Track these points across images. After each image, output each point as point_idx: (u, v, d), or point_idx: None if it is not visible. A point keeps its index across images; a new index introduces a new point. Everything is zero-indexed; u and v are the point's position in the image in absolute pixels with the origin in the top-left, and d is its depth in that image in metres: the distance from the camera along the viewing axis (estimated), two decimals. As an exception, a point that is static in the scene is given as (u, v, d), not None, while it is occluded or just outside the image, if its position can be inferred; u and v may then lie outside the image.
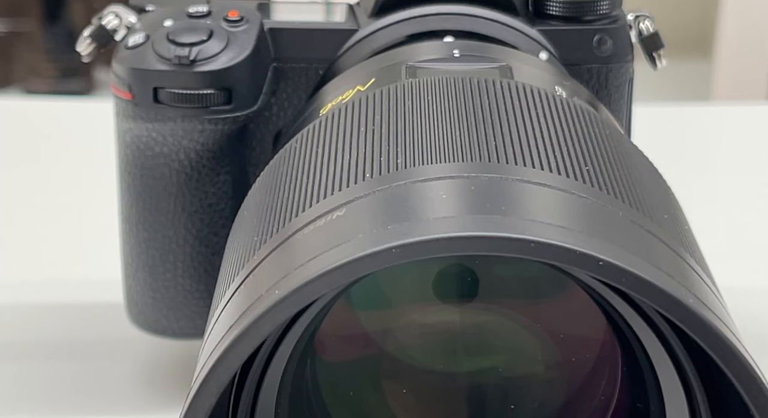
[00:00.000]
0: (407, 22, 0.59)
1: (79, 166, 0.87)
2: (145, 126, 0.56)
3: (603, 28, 0.59)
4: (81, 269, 0.72)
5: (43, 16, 2.11)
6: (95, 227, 0.75)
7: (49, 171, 0.87)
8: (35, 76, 2.10)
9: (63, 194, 0.83)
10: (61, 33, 2.12)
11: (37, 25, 2.12)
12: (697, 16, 2.32)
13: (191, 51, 0.55)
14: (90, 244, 0.75)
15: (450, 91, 0.46)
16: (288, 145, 0.48)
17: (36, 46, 2.09)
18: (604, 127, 0.46)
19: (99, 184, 0.73)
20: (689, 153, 0.91)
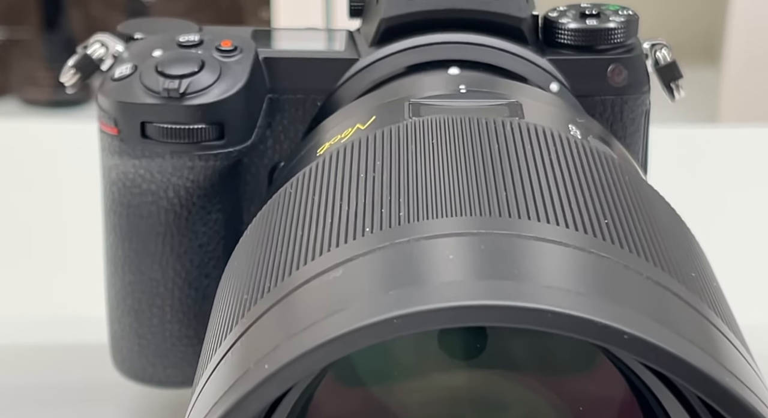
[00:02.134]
0: (410, 51, 0.56)
1: (63, 192, 0.83)
2: (131, 162, 0.53)
3: (617, 57, 0.55)
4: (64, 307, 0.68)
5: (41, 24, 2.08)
6: (79, 260, 0.71)
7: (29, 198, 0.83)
8: (32, 85, 2.07)
9: (44, 223, 0.79)
10: (58, 41, 2.09)
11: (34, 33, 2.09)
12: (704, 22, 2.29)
13: (181, 83, 0.52)
14: (75, 279, 0.71)
15: (456, 133, 0.43)
16: (282, 189, 0.45)
17: (33, 55, 2.06)
18: (623, 172, 0.43)
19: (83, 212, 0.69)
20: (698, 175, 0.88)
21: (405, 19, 0.55)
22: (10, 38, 2.10)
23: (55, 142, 0.91)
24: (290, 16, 1.52)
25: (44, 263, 0.74)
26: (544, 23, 0.56)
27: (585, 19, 0.56)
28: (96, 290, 0.59)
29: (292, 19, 1.52)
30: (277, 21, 1.53)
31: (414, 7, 0.55)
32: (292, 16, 1.52)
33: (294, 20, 1.51)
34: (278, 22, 1.52)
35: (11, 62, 2.09)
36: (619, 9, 0.56)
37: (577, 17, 0.56)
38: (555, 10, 0.57)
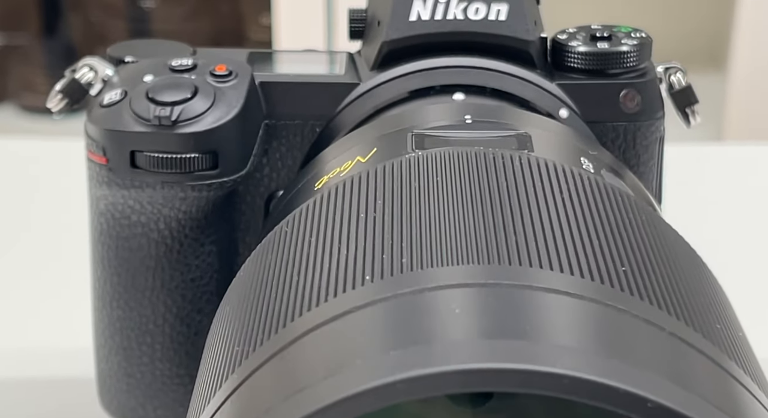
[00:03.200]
0: (413, 75, 0.53)
1: (49, 214, 0.80)
2: (121, 193, 0.50)
3: (630, 82, 0.53)
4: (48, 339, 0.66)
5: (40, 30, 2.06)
6: (68, 288, 0.69)
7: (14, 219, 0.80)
8: (30, 91, 2.05)
9: (29, 250, 0.76)
10: (57, 47, 2.07)
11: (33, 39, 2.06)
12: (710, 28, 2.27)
13: (173, 111, 0.50)
14: (61, 309, 0.68)
15: (462, 169, 0.41)
16: (278, 227, 0.42)
17: (32, 61, 2.04)
18: (639, 212, 0.40)
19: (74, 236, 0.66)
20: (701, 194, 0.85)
21: (407, 42, 0.53)
22: (8, 44, 2.08)
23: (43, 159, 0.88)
24: (291, 21, 1.50)
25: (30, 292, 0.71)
26: (552, 46, 0.54)
27: (596, 41, 0.53)
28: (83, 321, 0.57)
29: (292, 25, 1.50)
30: (278, 27, 1.50)
31: (417, 30, 0.53)
32: (292, 21, 1.50)
33: (295, 26, 1.49)
34: (279, 28, 1.50)
35: (9, 68, 2.07)
36: (631, 31, 0.54)
37: (587, 40, 0.53)
38: (564, 32, 0.54)
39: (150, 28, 1.82)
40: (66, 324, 0.66)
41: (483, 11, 0.52)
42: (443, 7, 0.52)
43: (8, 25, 2.05)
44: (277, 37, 1.51)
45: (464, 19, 0.53)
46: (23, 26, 2.05)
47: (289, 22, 1.51)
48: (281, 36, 1.51)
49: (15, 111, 2.01)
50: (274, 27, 1.52)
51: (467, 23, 0.53)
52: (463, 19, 0.53)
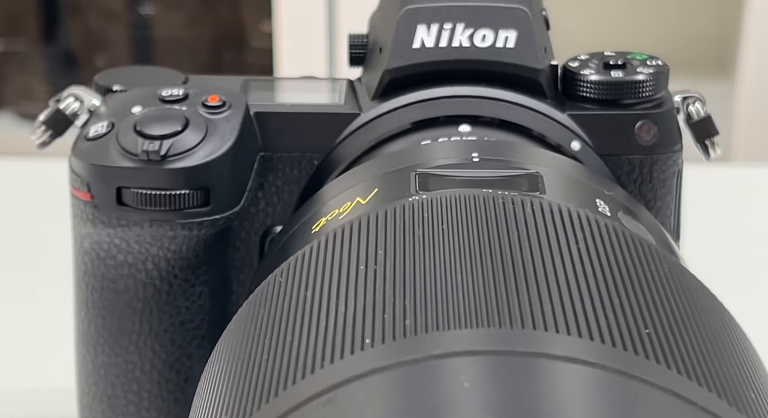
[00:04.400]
0: (417, 106, 0.50)
1: (31, 247, 0.76)
2: (106, 232, 0.48)
3: (646, 112, 0.50)
4: (29, 381, 0.62)
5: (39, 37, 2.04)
6: (45, 330, 0.65)
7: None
8: (28, 99, 2.02)
9: (7, 287, 0.72)
10: (56, 54, 2.05)
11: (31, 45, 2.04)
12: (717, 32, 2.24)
13: (162, 145, 0.47)
14: (41, 351, 0.65)
15: (470, 216, 0.38)
16: (272, 277, 0.39)
17: (30, 68, 2.01)
18: (662, 262, 0.37)
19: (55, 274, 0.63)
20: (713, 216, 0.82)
21: (411, 70, 0.50)
22: (5, 50, 2.05)
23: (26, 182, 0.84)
24: (292, 27, 1.48)
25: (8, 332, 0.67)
26: (563, 74, 0.51)
27: (609, 70, 0.50)
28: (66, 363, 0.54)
29: (293, 31, 1.48)
30: (279, 33, 1.48)
31: (420, 58, 0.50)
32: (293, 28, 1.48)
33: (295, 32, 1.47)
34: (280, 35, 1.48)
35: (7, 75, 2.05)
36: (647, 58, 0.51)
37: (600, 68, 0.50)
38: (576, 59, 0.51)
39: (150, 34, 1.79)
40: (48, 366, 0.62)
41: (490, 38, 0.50)
42: (448, 34, 0.50)
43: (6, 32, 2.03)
44: (278, 44, 1.49)
45: (470, 47, 0.50)
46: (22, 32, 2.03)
47: (290, 28, 1.49)
48: (282, 43, 1.49)
49: (13, 119, 1.98)
50: (275, 34, 1.50)
51: (474, 51, 0.50)
52: (469, 47, 0.50)
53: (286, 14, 1.49)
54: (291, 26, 1.50)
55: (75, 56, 1.96)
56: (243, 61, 1.71)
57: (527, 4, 0.50)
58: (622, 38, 1.81)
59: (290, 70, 1.49)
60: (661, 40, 1.84)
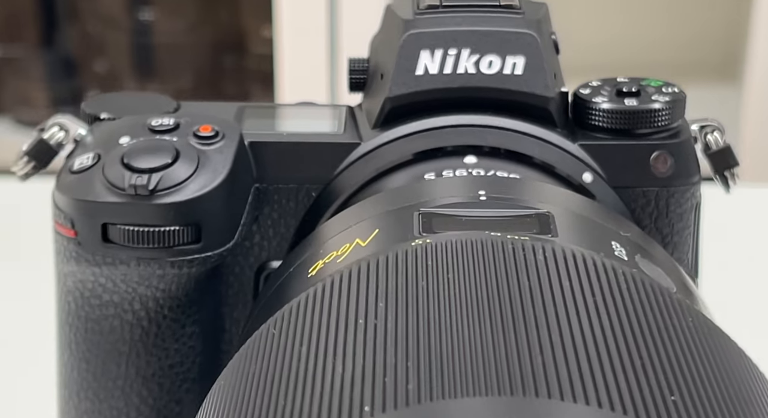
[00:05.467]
0: (420, 135, 0.48)
1: (12, 282, 0.71)
2: (91, 270, 0.45)
3: (662, 143, 0.47)
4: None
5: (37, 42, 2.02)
6: (25, 374, 0.62)
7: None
8: (27, 105, 2.00)
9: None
10: (55, 60, 2.02)
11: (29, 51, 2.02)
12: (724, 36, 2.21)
13: (151, 178, 0.44)
14: (21, 396, 0.61)
15: (478, 266, 0.35)
16: (265, 327, 0.37)
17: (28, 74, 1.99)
18: (685, 313, 0.35)
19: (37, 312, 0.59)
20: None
21: (413, 98, 0.48)
22: (4, 56, 2.03)
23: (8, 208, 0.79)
24: (293, 33, 1.46)
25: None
26: (574, 102, 0.49)
27: (623, 97, 0.48)
28: (48, 407, 0.51)
29: (294, 37, 1.46)
30: (280, 39, 1.46)
31: (424, 85, 0.47)
32: (294, 34, 1.46)
33: (296, 38, 1.45)
34: (280, 40, 1.46)
35: (5, 81, 2.03)
36: (662, 85, 0.48)
37: (612, 96, 0.48)
38: (587, 86, 0.49)
39: (150, 40, 1.77)
40: (29, 413, 0.59)
41: (497, 65, 0.47)
42: (453, 60, 0.47)
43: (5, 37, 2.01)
44: (279, 50, 1.47)
45: (476, 74, 0.47)
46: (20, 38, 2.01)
47: (291, 34, 1.47)
48: (283, 48, 1.47)
49: (11, 125, 1.96)
50: (276, 39, 1.48)
51: (480, 78, 0.47)
52: (475, 74, 0.47)
53: (286, 19, 1.48)
54: (291, 31, 1.48)
55: (74, 62, 1.94)
56: (243, 66, 1.69)
57: (536, 29, 0.47)
58: (626, 40, 1.79)
59: (291, 74, 1.48)
60: (666, 41, 1.82)
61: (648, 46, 1.80)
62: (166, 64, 1.75)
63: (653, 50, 1.80)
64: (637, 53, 1.80)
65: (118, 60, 1.79)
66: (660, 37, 1.81)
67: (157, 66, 1.77)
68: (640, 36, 1.80)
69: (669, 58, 1.79)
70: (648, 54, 1.80)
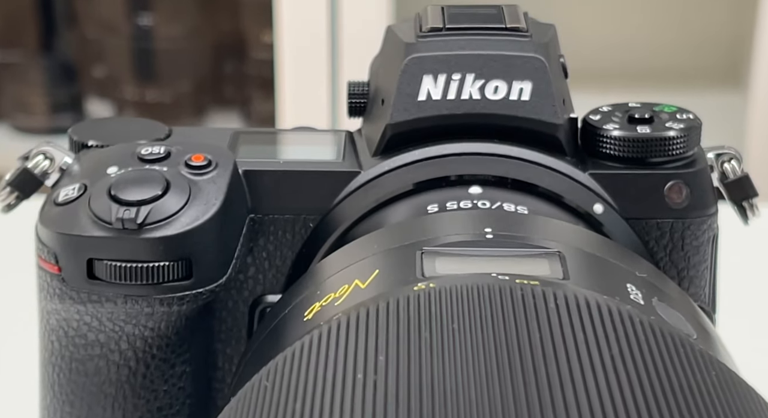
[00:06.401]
0: (423, 164, 0.46)
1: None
2: (75, 308, 0.43)
3: (677, 172, 0.45)
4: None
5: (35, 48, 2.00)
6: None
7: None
8: (25, 111, 1.98)
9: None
10: (54, 66, 2.01)
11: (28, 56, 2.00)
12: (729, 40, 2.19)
13: (139, 212, 0.42)
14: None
15: (485, 315, 0.33)
16: (257, 379, 0.34)
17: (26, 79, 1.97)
18: (708, 366, 0.32)
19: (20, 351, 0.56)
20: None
21: (416, 125, 0.45)
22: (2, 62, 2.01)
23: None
24: (293, 38, 1.45)
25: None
26: (584, 128, 0.46)
27: (635, 124, 0.46)
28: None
29: (295, 42, 1.44)
30: (280, 44, 1.44)
31: (426, 112, 0.45)
32: (295, 38, 1.45)
33: (297, 43, 1.44)
34: (281, 46, 1.44)
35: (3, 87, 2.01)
36: (676, 111, 0.46)
37: (624, 122, 0.46)
38: (597, 111, 0.47)
39: (149, 46, 1.76)
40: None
41: (503, 90, 0.45)
42: (457, 86, 0.45)
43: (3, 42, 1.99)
44: (280, 55, 1.45)
45: (481, 100, 0.45)
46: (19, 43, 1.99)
47: (292, 39, 1.46)
48: (283, 53, 1.45)
49: (9, 132, 1.94)
50: (276, 44, 1.47)
51: (485, 104, 0.45)
52: (479, 100, 0.45)
53: (287, 24, 1.46)
54: (292, 37, 1.46)
55: (73, 68, 1.92)
56: (243, 72, 1.67)
57: (543, 52, 0.45)
58: (629, 45, 1.76)
59: (291, 79, 1.46)
60: (670, 46, 1.79)
61: (652, 51, 1.78)
62: (166, 70, 1.73)
63: (657, 56, 1.78)
64: (641, 59, 1.78)
65: (118, 65, 1.77)
66: (664, 43, 1.79)
67: (156, 71, 1.75)
68: (644, 41, 1.78)
69: (673, 63, 1.77)
70: (652, 59, 1.78)
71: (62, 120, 1.98)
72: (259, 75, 1.63)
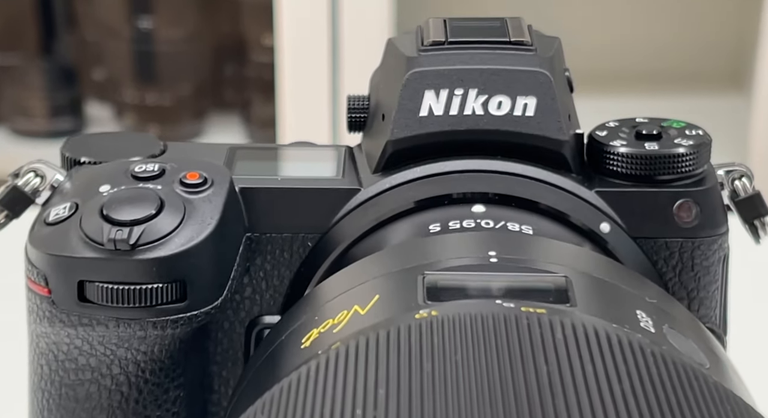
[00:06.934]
0: (425, 181, 0.44)
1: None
2: (66, 331, 0.41)
3: (686, 190, 0.44)
4: None
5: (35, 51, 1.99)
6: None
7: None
8: (24, 115, 1.97)
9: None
10: (54, 69, 2.00)
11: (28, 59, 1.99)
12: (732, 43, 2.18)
13: (132, 232, 0.41)
14: None
15: (489, 347, 0.32)
16: (252, 412, 0.33)
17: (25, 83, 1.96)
18: (723, 401, 0.31)
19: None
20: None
21: (417, 141, 0.44)
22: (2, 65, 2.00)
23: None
24: (294, 40, 1.44)
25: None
26: (590, 145, 0.45)
27: (643, 141, 0.44)
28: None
29: (296, 45, 1.43)
30: (281, 47, 1.43)
31: (428, 128, 0.44)
32: (296, 41, 1.44)
33: (298, 46, 1.43)
34: (282, 49, 1.43)
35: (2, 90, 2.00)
36: (685, 127, 0.45)
37: (632, 139, 0.44)
38: (604, 127, 0.45)
39: (149, 48, 1.75)
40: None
41: (507, 106, 0.44)
42: (460, 101, 0.44)
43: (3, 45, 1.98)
44: (280, 58, 1.44)
45: (484, 115, 0.44)
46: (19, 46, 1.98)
47: (292, 42, 1.45)
48: (284, 57, 1.44)
49: (7, 135, 1.93)
50: (277, 48, 1.46)
51: (488, 120, 0.44)
52: (483, 115, 0.44)
53: (287, 27, 1.45)
54: (292, 39, 1.45)
55: (73, 71, 1.91)
56: (244, 74, 1.66)
57: (548, 67, 0.44)
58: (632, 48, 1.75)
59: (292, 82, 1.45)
60: (673, 49, 1.78)
61: (655, 54, 1.77)
62: (166, 73, 1.72)
63: (660, 59, 1.77)
64: (644, 62, 1.77)
65: (118, 69, 1.77)
66: (667, 46, 1.78)
67: (156, 75, 1.74)
68: (647, 44, 1.77)
69: (676, 67, 1.76)
70: (655, 62, 1.77)
71: (62, 123, 1.97)
72: (259, 78, 1.62)
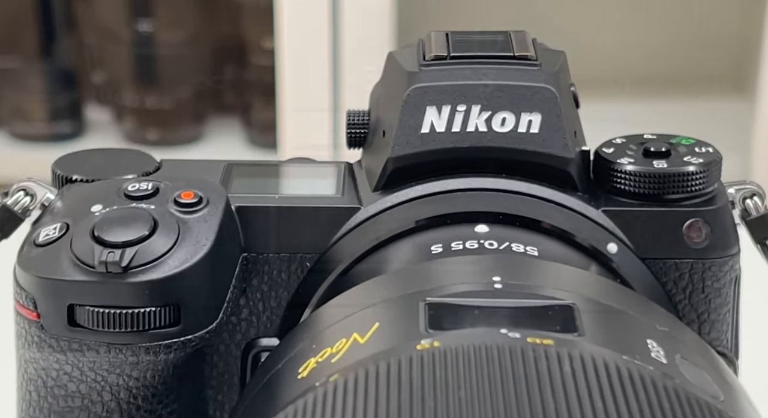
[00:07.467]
0: (426, 200, 0.43)
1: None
2: (55, 357, 0.40)
3: (696, 210, 0.43)
4: None
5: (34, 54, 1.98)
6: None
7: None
8: (23, 118, 1.96)
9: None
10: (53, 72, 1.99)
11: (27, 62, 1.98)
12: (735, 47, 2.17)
13: (124, 254, 0.39)
14: None
15: (495, 382, 0.30)
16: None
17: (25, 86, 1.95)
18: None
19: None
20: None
21: (419, 158, 0.43)
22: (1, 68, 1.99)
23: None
24: (294, 43, 1.43)
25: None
26: (596, 162, 0.44)
27: (651, 158, 0.43)
28: None
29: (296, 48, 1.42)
30: (281, 50, 1.43)
31: (430, 145, 0.43)
32: (296, 44, 1.43)
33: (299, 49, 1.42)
34: (282, 52, 1.42)
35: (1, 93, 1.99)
36: (694, 144, 0.44)
37: (639, 156, 0.43)
38: (611, 144, 0.44)
39: (149, 52, 1.74)
40: None
41: (511, 122, 0.42)
42: (462, 118, 0.42)
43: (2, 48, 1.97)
44: (281, 61, 1.43)
45: (488, 132, 0.43)
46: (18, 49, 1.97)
47: (293, 45, 1.44)
48: (285, 60, 1.43)
49: (6, 139, 1.92)
50: (277, 51, 1.45)
51: (492, 137, 0.43)
52: (486, 132, 0.43)
53: (288, 29, 1.44)
54: (293, 42, 1.44)
55: (73, 74, 1.90)
56: (244, 78, 1.65)
57: (554, 82, 0.43)
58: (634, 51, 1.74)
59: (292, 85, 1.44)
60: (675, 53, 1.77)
61: (657, 57, 1.75)
62: (166, 76, 1.71)
63: (662, 62, 1.76)
64: (647, 65, 1.75)
65: (118, 72, 1.76)
66: (670, 49, 1.77)
67: (156, 78, 1.73)
68: (649, 47, 1.75)
69: (675, 67, 1.75)
70: (657, 65, 1.76)
71: (61, 127, 1.96)
72: (259, 81, 1.61)
